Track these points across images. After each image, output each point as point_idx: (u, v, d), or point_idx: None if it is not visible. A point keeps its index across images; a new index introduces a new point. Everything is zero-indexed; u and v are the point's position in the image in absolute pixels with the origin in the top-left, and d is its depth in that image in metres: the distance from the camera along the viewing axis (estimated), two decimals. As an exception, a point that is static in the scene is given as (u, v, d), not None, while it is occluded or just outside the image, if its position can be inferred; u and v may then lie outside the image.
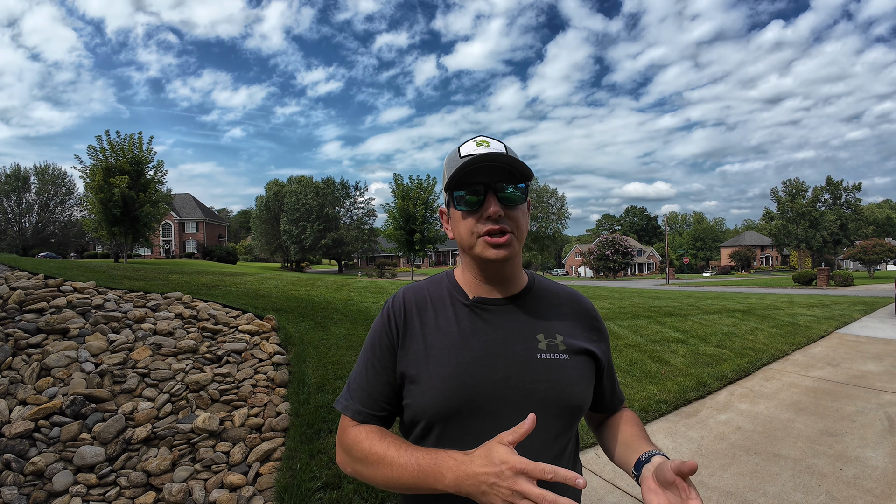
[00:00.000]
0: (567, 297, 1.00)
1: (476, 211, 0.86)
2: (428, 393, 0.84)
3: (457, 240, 0.91)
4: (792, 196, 55.89)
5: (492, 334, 0.88)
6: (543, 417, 0.82)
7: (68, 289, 4.39)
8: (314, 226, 48.06)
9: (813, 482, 2.78)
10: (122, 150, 21.47)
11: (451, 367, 0.84)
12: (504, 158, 0.83)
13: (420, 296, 0.96)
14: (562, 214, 72.82)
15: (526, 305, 0.93)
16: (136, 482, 2.47)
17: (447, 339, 0.88)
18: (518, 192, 0.87)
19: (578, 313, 0.98)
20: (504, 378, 0.84)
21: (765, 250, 76.42)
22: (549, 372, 0.86)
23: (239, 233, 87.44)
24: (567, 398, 0.86)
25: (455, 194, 0.87)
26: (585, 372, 0.91)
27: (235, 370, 3.52)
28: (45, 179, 42.75)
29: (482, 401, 0.83)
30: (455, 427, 0.83)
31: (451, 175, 0.85)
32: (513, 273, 0.94)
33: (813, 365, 5.67)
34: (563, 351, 0.89)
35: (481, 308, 0.91)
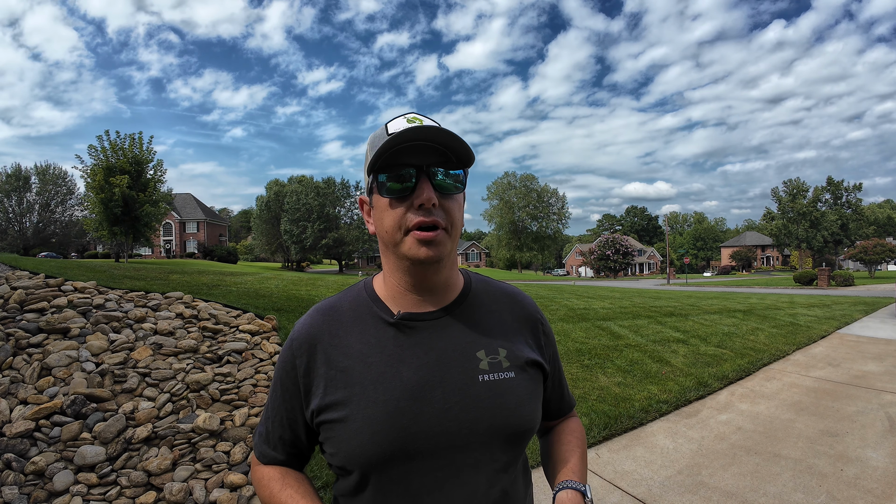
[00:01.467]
0: (507, 299, 0.87)
1: (405, 199, 0.71)
2: (355, 439, 0.70)
3: (379, 235, 0.76)
4: (793, 196, 55.87)
5: (424, 357, 0.74)
6: (490, 447, 0.73)
7: (69, 288, 4.40)
8: (315, 225, 48.08)
9: (813, 482, 2.78)
10: (123, 150, 21.49)
11: (378, 406, 0.71)
12: (441, 137, 0.70)
13: (332, 317, 0.80)
14: (562, 214, 72.89)
15: (462, 316, 0.80)
16: (136, 482, 2.47)
17: (372, 371, 0.73)
18: (455, 179, 0.74)
19: (521, 318, 0.86)
20: (443, 410, 0.71)
21: (765, 250, 76.37)
22: (493, 395, 0.74)
23: (239, 233, 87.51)
24: (517, 422, 0.75)
25: (380, 178, 0.72)
26: (533, 388, 0.80)
27: (236, 370, 3.53)
28: (45, 179, 42.80)
29: (420, 440, 0.70)
30: (393, 474, 0.71)
31: (374, 154, 0.70)
32: (447, 278, 0.79)
33: (814, 365, 5.67)
34: (508, 368, 0.77)
35: (409, 327, 0.76)
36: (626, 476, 2.91)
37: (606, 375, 4.80)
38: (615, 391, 4.35)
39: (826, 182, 55.72)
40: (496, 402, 0.74)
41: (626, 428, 3.65)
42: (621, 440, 3.47)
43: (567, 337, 6.22)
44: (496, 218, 72.84)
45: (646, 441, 3.45)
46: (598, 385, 4.50)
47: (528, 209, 71.34)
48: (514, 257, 74.13)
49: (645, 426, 3.74)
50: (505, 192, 72.53)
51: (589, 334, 6.49)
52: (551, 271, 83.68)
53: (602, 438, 3.45)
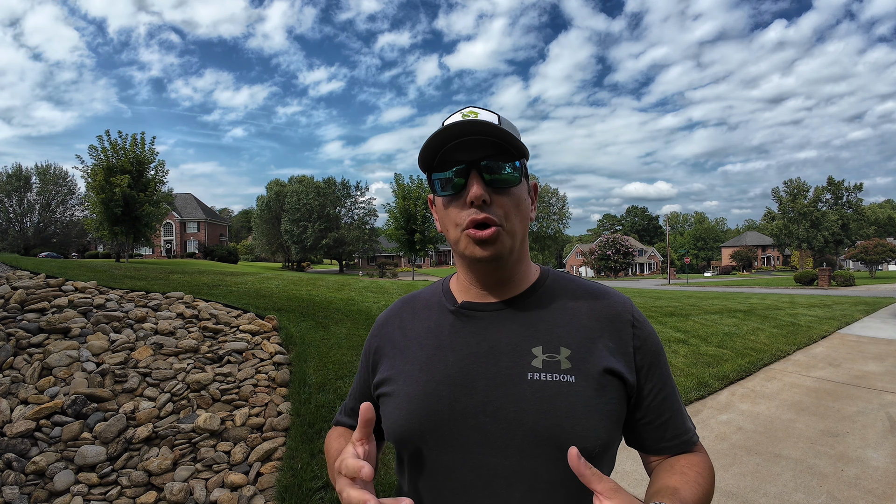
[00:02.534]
0: (590, 296, 0.76)
1: (459, 196, 0.69)
2: (394, 413, 0.72)
3: (444, 234, 0.75)
4: (793, 196, 55.83)
5: (475, 347, 0.71)
6: (531, 460, 0.64)
7: (70, 288, 4.40)
8: (315, 225, 48.11)
9: (814, 482, 2.78)
10: (124, 150, 21.50)
11: (418, 386, 0.70)
12: (488, 129, 0.65)
13: (408, 305, 0.84)
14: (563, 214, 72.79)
15: (525, 309, 0.73)
16: (137, 481, 2.47)
17: (423, 353, 0.74)
18: (508, 171, 0.69)
19: (603, 318, 0.73)
20: (481, 403, 0.67)
21: (766, 250, 76.32)
22: (542, 399, 0.65)
23: (240, 232, 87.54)
24: (566, 436, 0.63)
25: (434, 178, 0.72)
26: (602, 401, 0.67)
27: (236, 370, 3.53)
28: (46, 179, 42.85)
29: (450, 429, 0.67)
30: (422, 458, 0.69)
31: (428, 153, 0.69)
32: (514, 274, 0.75)
33: (814, 365, 5.66)
34: (568, 370, 0.67)
35: (467, 315, 0.74)
36: (626, 476, 2.91)
37: (607, 375, 4.79)
38: (615, 391, 4.35)
39: (827, 182, 55.68)
40: (543, 406, 0.65)
41: (627, 428, 3.64)
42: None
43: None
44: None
45: (646, 441, 3.44)
46: (598, 385, 4.49)
47: (529, 209, 71.21)
48: (514, 257, 73.95)
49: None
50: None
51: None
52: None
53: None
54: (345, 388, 3.62)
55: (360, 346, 4.62)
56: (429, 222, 31.06)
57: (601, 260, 58.76)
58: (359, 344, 4.67)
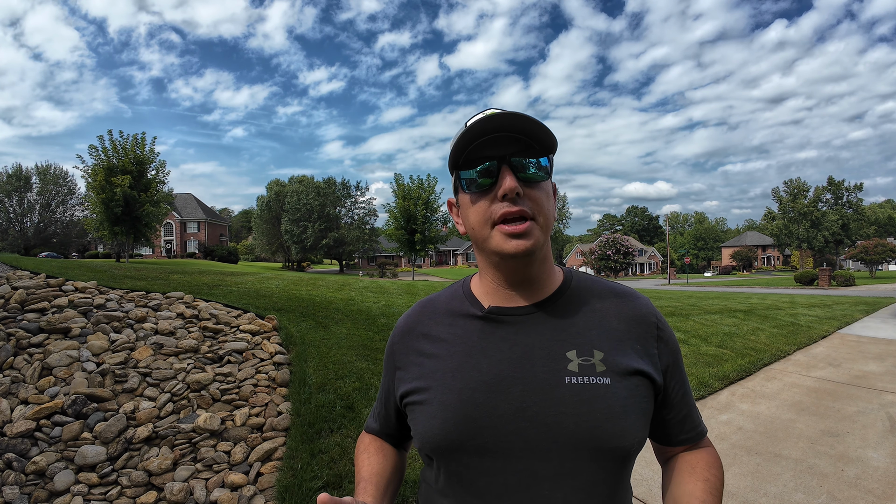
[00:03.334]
0: (615, 298, 0.78)
1: (489, 192, 0.69)
2: (429, 422, 0.71)
3: (469, 233, 0.74)
4: (793, 196, 55.83)
5: (508, 352, 0.71)
6: (573, 461, 0.66)
7: (70, 288, 4.40)
8: (315, 225, 48.12)
9: (814, 482, 2.78)
10: (125, 150, 21.51)
11: (453, 394, 0.70)
12: (519, 123, 0.67)
13: (428, 310, 0.83)
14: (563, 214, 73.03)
15: (556, 313, 0.74)
16: (137, 481, 2.47)
17: (453, 360, 0.73)
18: (539, 167, 0.70)
19: (630, 320, 0.75)
20: (519, 408, 0.67)
21: (766, 250, 76.32)
22: (581, 402, 0.67)
23: (240, 232, 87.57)
24: (606, 436, 0.66)
25: (462, 175, 0.71)
26: (636, 401, 0.69)
27: (237, 370, 3.53)
28: (46, 179, 42.86)
29: (490, 436, 0.67)
30: (459, 466, 0.69)
31: (454, 151, 0.69)
32: (541, 273, 0.75)
33: (814, 365, 5.66)
34: (603, 373, 0.69)
35: (497, 320, 0.74)
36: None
37: (607, 375, 4.79)
38: (616, 391, 4.35)
39: (827, 182, 55.67)
40: (583, 408, 0.66)
41: (627, 428, 3.64)
42: (622, 440, 3.47)
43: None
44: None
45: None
46: (598, 385, 4.49)
47: (529, 209, 71.32)
48: (514, 257, 74.06)
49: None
50: (505, 192, 72.44)
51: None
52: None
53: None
54: (345, 388, 3.62)
55: (360, 345, 4.62)
56: (429, 222, 31.06)
57: (601, 260, 58.76)
58: (359, 344, 4.67)
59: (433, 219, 31.05)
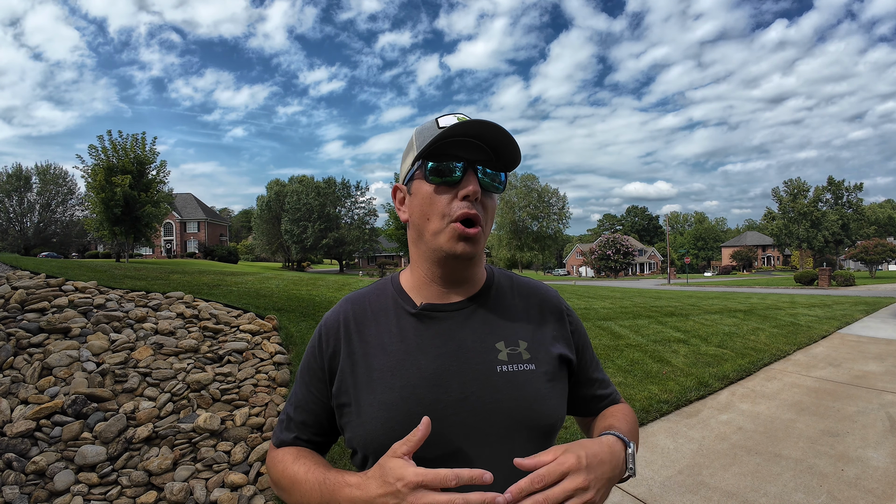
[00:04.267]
0: (531, 292, 0.87)
1: (452, 187, 0.72)
2: (370, 423, 0.72)
3: (415, 221, 0.77)
4: (793, 196, 55.82)
5: (443, 348, 0.75)
6: (510, 441, 0.72)
7: (70, 288, 4.40)
8: (315, 225, 48.11)
9: (814, 482, 2.78)
10: (125, 150, 21.50)
11: (395, 392, 0.72)
12: (495, 136, 0.72)
13: (359, 308, 0.82)
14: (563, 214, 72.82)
15: (484, 308, 0.80)
16: (137, 481, 2.47)
17: (390, 359, 0.75)
18: (498, 181, 0.76)
19: (545, 311, 0.85)
20: (459, 399, 0.72)
21: (766, 250, 76.31)
22: (512, 387, 0.74)
23: (240, 232, 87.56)
24: (536, 416, 0.74)
25: (429, 165, 0.73)
26: (557, 382, 0.78)
27: (237, 370, 3.53)
28: (46, 179, 42.83)
29: (435, 428, 0.69)
30: None
31: (428, 143, 0.72)
32: (473, 273, 0.81)
33: (814, 365, 5.66)
34: (528, 360, 0.77)
35: (430, 317, 0.78)
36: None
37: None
38: (616, 391, 4.35)
39: (827, 182, 55.65)
40: (515, 393, 0.73)
41: (627, 428, 3.64)
42: (622, 440, 3.47)
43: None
44: (496, 217, 72.67)
45: (646, 441, 3.44)
46: (598, 385, 4.49)
47: (529, 209, 71.31)
48: (514, 257, 74.10)
49: (645, 426, 3.74)
50: (505, 191, 72.34)
51: (590, 334, 6.45)
52: (552, 271, 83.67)
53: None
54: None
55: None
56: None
57: (601, 260, 58.77)
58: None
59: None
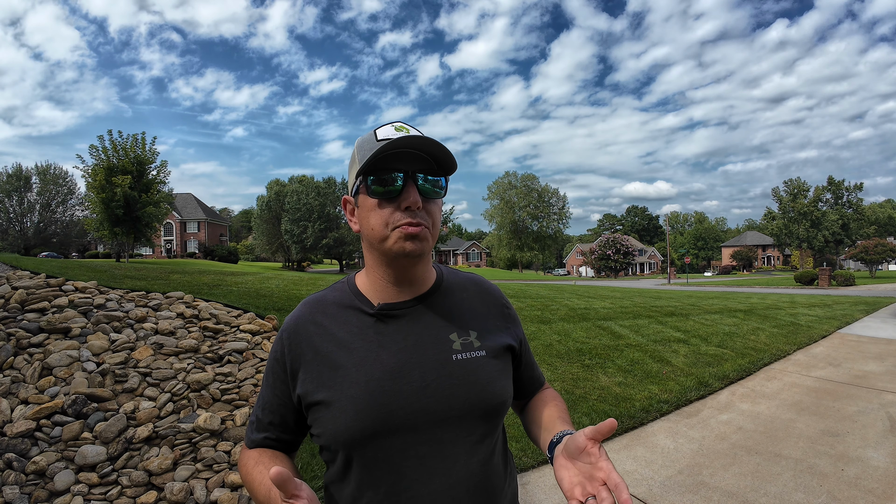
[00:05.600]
0: (474, 287, 0.95)
1: (393, 200, 0.78)
2: (339, 418, 0.76)
3: (365, 233, 0.82)
4: (793, 196, 55.81)
5: (402, 342, 0.81)
6: (467, 422, 0.80)
7: (70, 288, 4.40)
8: (315, 225, 48.09)
9: (814, 482, 2.78)
10: (125, 150, 21.50)
11: (360, 387, 0.77)
12: (428, 146, 0.77)
13: (318, 309, 0.87)
14: (563, 214, 72.85)
15: (435, 304, 0.87)
16: (137, 481, 2.48)
17: (354, 356, 0.80)
18: (437, 186, 0.82)
19: (488, 304, 0.94)
20: (421, 388, 0.78)
21: (766, 250, 76.28)
22: (467, 373, 0.81)
23: (240, 232, 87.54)
24: (489, 397, 0.82)
25: (369, 180, 0.79)
26: (504, 366, 0.88)
27: (237, 370, 3.53)
28: (46, 179, 42.85)
29: (400, 417, 0.76)
30: (377, 451, 0.77)
31: (367, 158, 0.76)
32: (423, 272, 0.87)
33: (814, 365, 5.66)
34: (479, 348, 0.85)
35: (388, 315, 0.84)
36: (626, 476, 2.91)
37: (607, 375, 4.79)
38: (616, 391, 4.35)
39: (827, 182, 55.64)
40: (469, 378, 0.81)
41: (627, 428, 3.64)
42: (622, 440, 3.47)
43: (568, 337, 6.21)
44: (497, 218, 72.78)
45: (646, 441, 3.44)
46: (598, 385, 4.49)
47: (529, 209, 71.32)
48: (514, 257, 74.12)
49: (646, 426, 3.74)
50: (506, 191, 72.47)
51: (590, 334, 6.49)
52: (552, 271, 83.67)
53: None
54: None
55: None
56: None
57: (601, 260, 58.75)
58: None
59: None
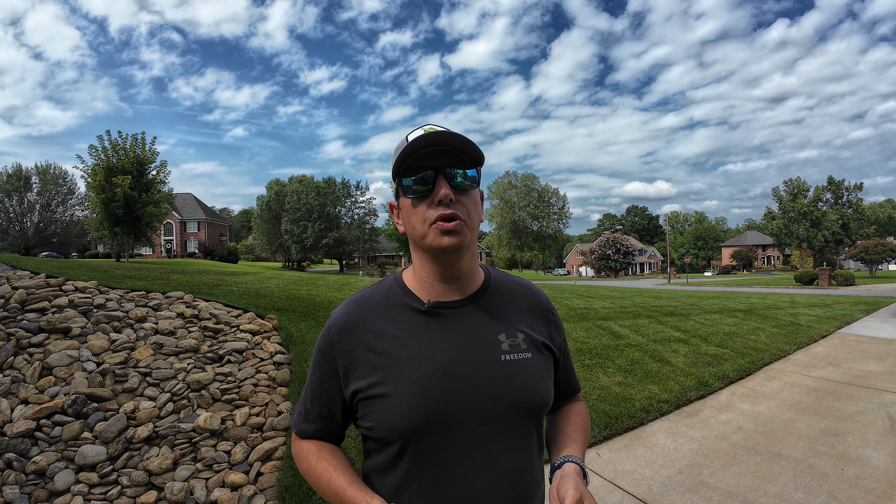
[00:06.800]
0: (522, 290, 0.98)
1: (426, 197, 0.81)
2: (394, 413, 0.80)
3: (408, 232, 0.86)
4: (793, 195, 55.82)
5: (452, 341, 0.84)
6: (511, 420, 0.83)
7: (70, 288, 4.40)
8: (315, 225, 48.10)
9: (814, 482, 2.78)
10: (125, 150, 21.49)
11: (414, 382, 0.80)
12: (452, 140, 0.80)
13: (366, 307, 0.89)
14: (563, 214, 72.85)
15: (485, 305, 0.90)
16: (137, 481, 2.48)
17: (406, 352, 0.83)
18: (468, 178, 0.84)
19: (535, 308, 0.96)
20: (470, 386, 0.81)
21: (766, 250, 76.27)
22: (514, 373, 0.84)
23: (240, 232, 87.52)
24: (534, 397, 0.85)
25: (404, 182, 0.83)
26: (547, 368, 0.90)
27: (237, 369, 3.53)
28: (46, 179, 42.85)
29: (450, 413, 0.80)
30: (427, 444, 0.80)
31: (397, 160, 0.81)
32: (469, 268, 0.89)
33: (814, 365, 5.66)
34: (526, 349, 0.87)
35: (438, 314, 0.86)
36: (626, 476, 2.91)
37: (607, 375, 4.79)
38: (616, 391, 4.35)
39: (827, 181, 55.65)
40: (516, 379, 0.84)
41: (627, 427, 3.64)
42: (622, 440, 3.47)
43: (568, 336, 6.22)
44: (497, 217, 72.79)
45: (646, 441, 3.45)
46: (598, 385, 4.49)
47: (529, 209, 71.31)
48: (514, 257, 74.10)
49: (645, 426, 3.74)
50: (506, 191, 72.48)
51: (590, 334, 6.49)
52: (552, 271, 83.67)
53: (603, 438, 3.45)
54: (345, 387, 3.62)
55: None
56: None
57: (601, 259, 58.75)
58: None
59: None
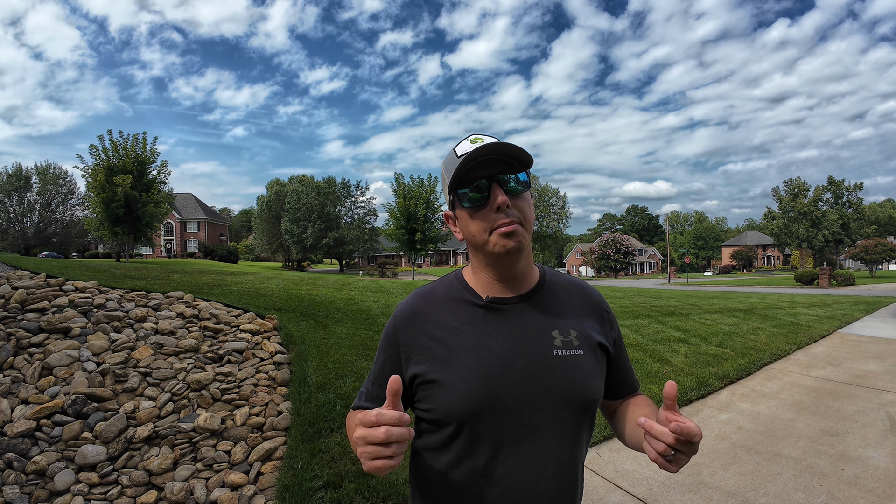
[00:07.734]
0: (577, 290, 1.01)
1: (483, 206, 0.86)
2: (451, 397, 0.85)
3: (468, 240, 0.91)
4: (794, 195, 55.83)
5: (508, 334, 0.89)
6: (561, 413, 0.87)
7: (70, 288, 4.40)
8: (315, 225, 48.11)
9: (814, 482, 2.78)
10: (125, 150, 21.49)
11: (472, 370, 0.86)
12: (502, 149, 0.84)
13: (429, 300, 0.96)
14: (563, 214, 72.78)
15: (539, 303, 0.94)
16: (137, 481, 2.48)
17: (465, 342, 0.88)
18: (521, 182, 0.88)
19: (589, 306, 0.99)
20: (524, 377, 0.86)
21: (766, 250, 76.25)
22: (566, 368, 0.88)
23: (240, 232, 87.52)
24: (584, 393, 0.88)
25: (460, 193, 0.88)
26: (599, 365, 0.93)
27: (237, 369, 3.53)
28: (46, 179, 42.86)
29: (505, 400, 0.85)
30: (481, 427, 0.85)
31: (452, 175, 0.85)
32: (526, 268, 0.94)
33: (814, 364, 5.66)
34: (578, 346, 0.91)
35: (495, 308, 0.92)
36: (626, 475, 2.91)
37: (607, 375, 4.80)
38: (616, 391, 4.35)
39: (827, 181, 55.67)
40: (567, 374, 0.88)
41: (627, 427, 3.64)
42: (622, 440, 3.47)
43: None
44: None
45: (646, 440, 3.44)
46: (598, 384, 4.50)
47: (529, 209, 71.20)
48: (514, 257, 73.96)
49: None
50: (505, 191, 72.36)
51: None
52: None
53: (603, 438, 3.45)
54: (345, 387, 3.62)
55: (360, 345, 4.62)
56: (429, 222, 31.03)
57: (601, 259, 58.75)
58: (359, 343, 4.67)
59: (433, 218, 31.07)
